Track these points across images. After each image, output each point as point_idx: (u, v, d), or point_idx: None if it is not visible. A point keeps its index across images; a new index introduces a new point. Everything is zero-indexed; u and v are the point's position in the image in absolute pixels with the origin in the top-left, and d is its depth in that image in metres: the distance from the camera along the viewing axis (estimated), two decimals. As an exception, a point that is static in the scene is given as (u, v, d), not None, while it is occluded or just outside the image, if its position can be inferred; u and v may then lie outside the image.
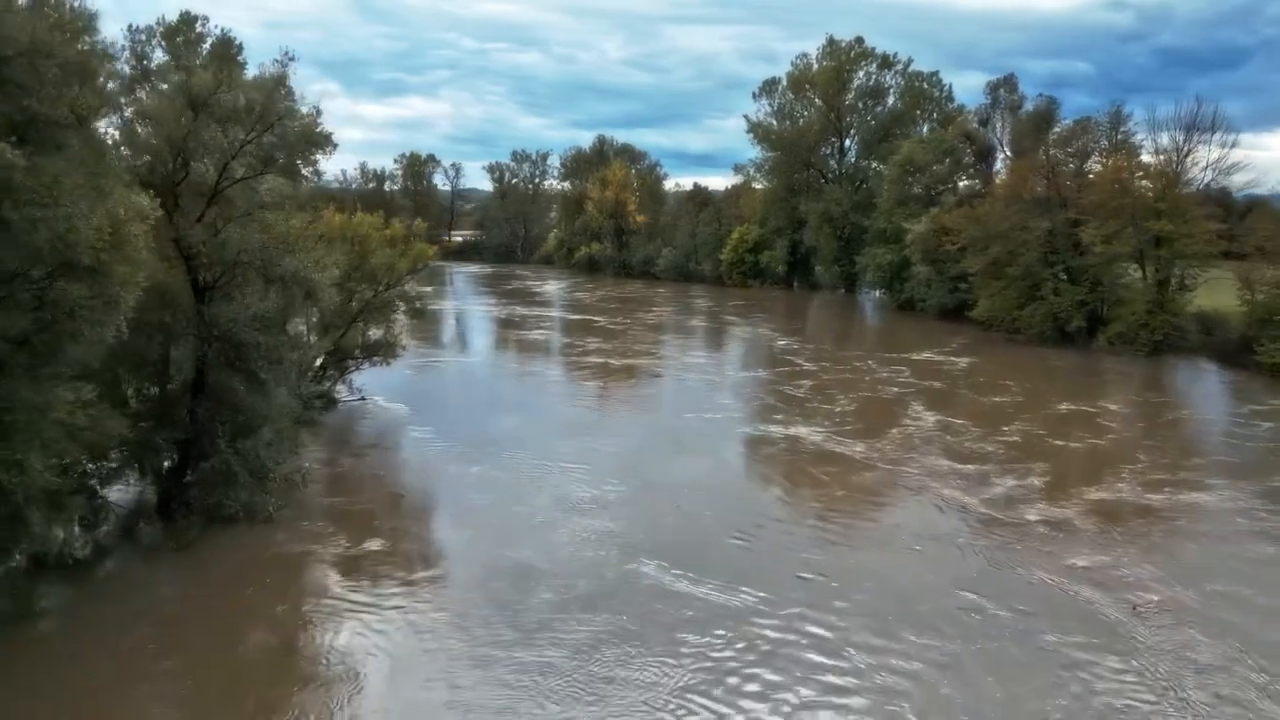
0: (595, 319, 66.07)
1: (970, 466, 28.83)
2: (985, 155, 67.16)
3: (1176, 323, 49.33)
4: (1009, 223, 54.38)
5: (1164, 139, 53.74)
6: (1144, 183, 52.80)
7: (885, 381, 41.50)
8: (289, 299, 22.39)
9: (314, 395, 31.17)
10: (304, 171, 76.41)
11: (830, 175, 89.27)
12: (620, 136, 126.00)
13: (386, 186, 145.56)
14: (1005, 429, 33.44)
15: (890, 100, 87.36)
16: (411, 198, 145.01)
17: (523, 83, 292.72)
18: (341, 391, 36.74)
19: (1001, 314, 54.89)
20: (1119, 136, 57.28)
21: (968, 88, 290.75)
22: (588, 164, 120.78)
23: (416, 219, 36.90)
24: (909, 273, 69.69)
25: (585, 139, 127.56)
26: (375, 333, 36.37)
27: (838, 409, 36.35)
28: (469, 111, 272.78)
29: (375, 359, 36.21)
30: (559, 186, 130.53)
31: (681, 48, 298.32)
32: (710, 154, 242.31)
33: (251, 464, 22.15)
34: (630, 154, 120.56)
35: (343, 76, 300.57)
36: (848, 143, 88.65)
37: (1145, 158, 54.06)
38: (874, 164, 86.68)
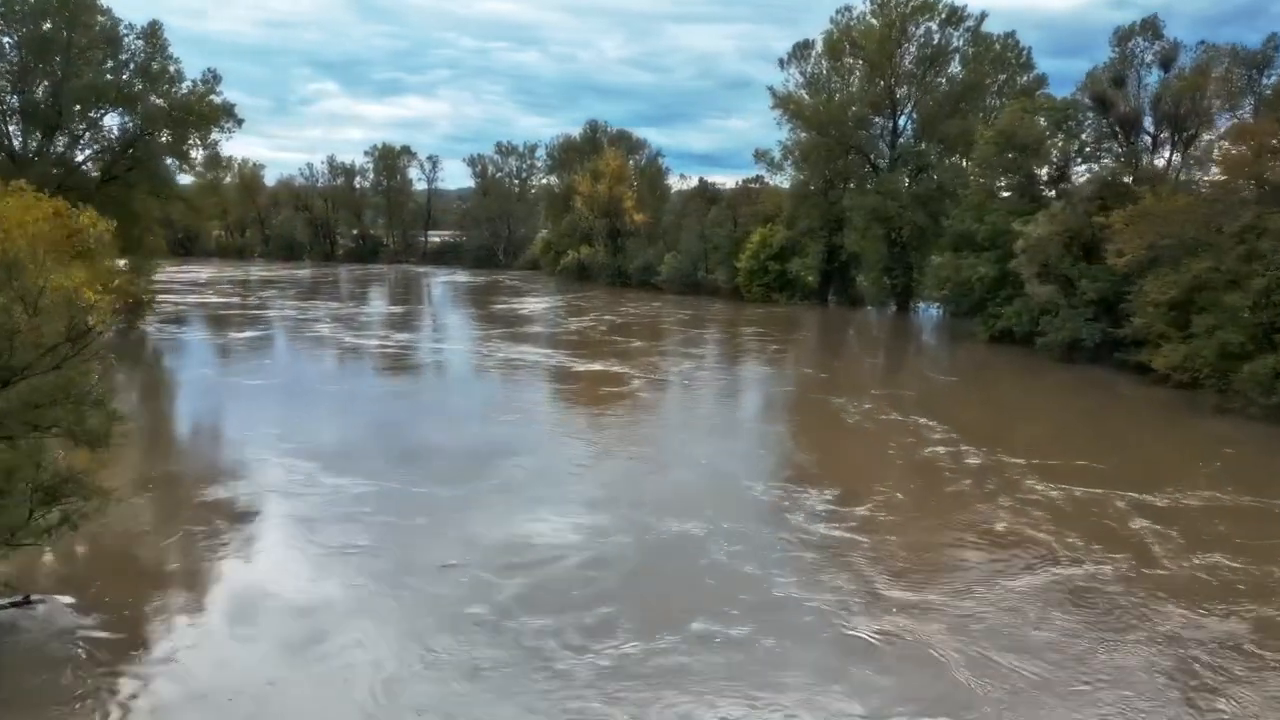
0: (604, 369, 40.24)
1: None
2: (1129, 127, 45.06)
3: None
4: (1225, 224, 32.58)
5: None
6: None
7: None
8: None
9: None
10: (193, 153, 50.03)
11: (879, 162, 67.20)
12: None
13: (357, 182, 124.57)
14: None
15: (955, 66, 65.46)
16: (384, 195, 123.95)
17: (523, 82, 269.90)
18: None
19: (1206, 368, 33.10)
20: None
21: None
22: (579, 154, 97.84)
23: (99, 220, 14.76)
24: (1008, 292, 48.02)
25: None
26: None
27: None
28: (469, 111, 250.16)
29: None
30: (545, 181, 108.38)
31: (683, 47, 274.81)
32: (713, 154, 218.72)
33: None
34: (628, 142, 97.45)
35: (342, 76, 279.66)
36: (902, 120, 66.32)
37: None
38: (938, 148, 64.78)
